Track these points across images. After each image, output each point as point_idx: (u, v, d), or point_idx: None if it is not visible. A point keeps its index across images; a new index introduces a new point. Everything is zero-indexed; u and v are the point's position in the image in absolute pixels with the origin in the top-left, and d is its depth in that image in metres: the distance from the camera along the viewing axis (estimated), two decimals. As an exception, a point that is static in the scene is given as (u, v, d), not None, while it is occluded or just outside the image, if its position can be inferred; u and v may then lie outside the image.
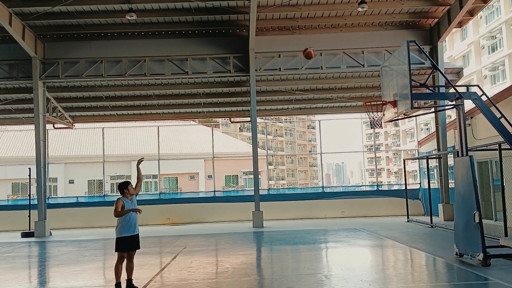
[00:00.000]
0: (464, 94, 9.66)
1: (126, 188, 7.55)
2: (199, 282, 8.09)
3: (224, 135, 49.65)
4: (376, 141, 71.47)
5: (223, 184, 39.61)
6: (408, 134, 74.61)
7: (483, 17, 43.05)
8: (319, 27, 18.54)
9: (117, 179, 38.49)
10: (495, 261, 8.78)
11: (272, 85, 20.84)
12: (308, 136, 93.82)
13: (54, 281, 9.05)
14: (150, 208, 20.38)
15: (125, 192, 7.53)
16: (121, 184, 7.64)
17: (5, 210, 21.05)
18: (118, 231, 7.41)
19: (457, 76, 20.80)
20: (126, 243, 7.38)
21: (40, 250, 14.10)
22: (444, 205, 18.09)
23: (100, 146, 24.99)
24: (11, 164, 32.73)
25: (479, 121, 15.50)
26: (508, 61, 39.83)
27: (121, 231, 7.38)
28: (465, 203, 9.16)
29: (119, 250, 7.41)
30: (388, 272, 8.65)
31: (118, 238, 7.40)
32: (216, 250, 12.75)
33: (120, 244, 7.40)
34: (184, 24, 17.91)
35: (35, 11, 16.54)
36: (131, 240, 7.41)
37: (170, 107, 22.66)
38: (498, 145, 10.55)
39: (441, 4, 17.24)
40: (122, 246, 7.40)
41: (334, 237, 13.88)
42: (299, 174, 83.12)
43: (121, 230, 7.38)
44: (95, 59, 18.37)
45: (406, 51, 9.68)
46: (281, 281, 7.94)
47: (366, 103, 11.15)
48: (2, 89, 20.28)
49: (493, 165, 14.52)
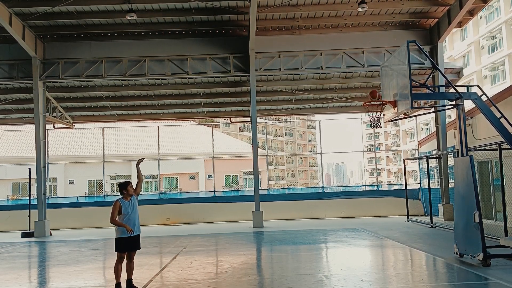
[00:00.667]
0: (464, 94, 9.66)
1: (125, 189, 7.41)
2: (199, 282, 8.09)
3: (224, 135, 49.65)
4: (376, 141, 71.51)
5: (223, 184, 39.61)
6: (408, 134, 74.61)
7: (483, 17, 43.03)
8: (319, 27, 18.55)
9: (117, 179, 38.48)
10: (495, 261, 8.78)
11: (272, 85, 20.85)
12: (308, 136, 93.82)
13: (54, 281, 9.05)
14: (150, 208, 20.40)
15: (124, 193, 7.41)
16: (120, 185, 7.50)
17: (5, 210, 21.06)
18: (117, 231, 7.33)
19: (457, 76, 20.81)
20: (125, 244, 7.31)
21: (40, 250, 14.10)
22: (444, 205, 18.09)
23: (100, 146, 24.99)
24: (11, 164, 32.73)
25: (479, 121, 15.50)
26: (508, 61, 39.82)
27: (121, 231, 7.29)
28: (465, 203, 9.16)
29: (118, 250, 7.35)
30: (388, 272, 8.65)
31: (118, 238, 7.33)
32: (216, 250, 12.75)
33: (119, 244, 7.33)
34: (184, 24, 17.91)
35: (35, 11, 16.54)
36: (130, 241, 7.32)
37: (170, 107, 22.66)
38: (498, 145, 10.55)
39: (441, 4, 17.24)
40: (121, 247, 7.33)
41: (334, 237, 13.87)
42: (299, 174, 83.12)
43: (121, 230, 7.30)
44: (95, 59, 18.38)
45: (406, 51, 9.68)
46: (281, 281, 7.94)
47: (366, 103, 11.15)
48: (2, 89, 20.29)
49: (493, 165, 14.52)
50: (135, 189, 7.57)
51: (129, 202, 7.39)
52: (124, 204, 7.32)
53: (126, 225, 7.23)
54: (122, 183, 7.52)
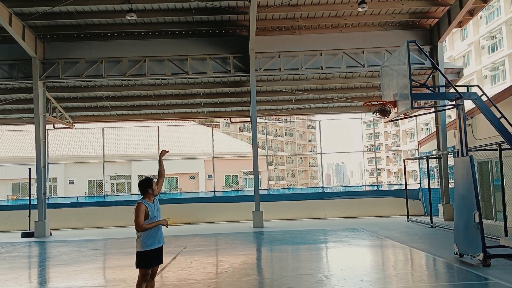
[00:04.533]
0: (464, 94, 9.66)
1: (150, 187, 5.91)
2: (199, 282, 8.09)
3: (224, 135, 49.68)
4: (376, 141, 71.52)
5: (223, 184, 39.63)
6: (408, 134, 74.62)
7: (483, 17, 43.04)
8: (319, 27, 18.54)
9: (117, 179, 38.55)
10: (495, 261, 8.78)
11: (272, 85, 20.85)
12: (308, 136, 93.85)
13: (54, 281, 9.05)
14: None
15: (148, 193, 5.91)
16: (143, 182, 5.96)
17: (5, 210, 21.06)
18: (141, 243, 5.82)
19: (457, 76, 20.81)
20: (151, 258, 5.86)
21: (40, 250, 14.10)
22: (444, 205, 18.08)
23: (100, 146, 25.01)
24: (11, 164, 32.75)
25: (479, 121, 15.50)
26: (508, 61, 39.83)
27: (146, 243, 5.81)
28: (465, 203, 9.16)
29: (144, 266, 5.85)
30: (388, 272, 8.65)
31: (142, 252, 5.83)
32: (216, 250, 12.75)
33: (144, 259, 5.84)
34: (184, 24, 17.91)
35: (35, 11, 16.54)
36: (156, 253, 5.91)
37: (170, 107, 22.66)
38: (498, 145, 10.55)
39: (441, 4, 17.23)
40: (146, 261, 5.85)
41: (334, 237, 13.87)
42: (299, 174, 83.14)
43: (146, 241, 5.81)
44: (95, 59, 18.37)
45: (406, 51, 9.68)
46: (281, 281, 7.94)
47: (367, 103, 11.14)
48: (2, 89, 20.28)
49: (493, 165, 14.52)
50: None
51: (154, 204, 5.95)
52: (150, 207, 5.84)
53: (160, 220, 5.87)
54: (145, 180, 5.99)
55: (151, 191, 5.89)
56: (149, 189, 5.89)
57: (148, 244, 5.80)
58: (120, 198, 26.12)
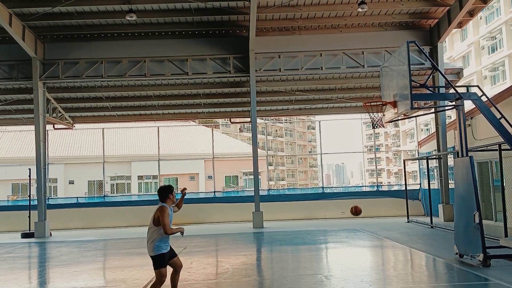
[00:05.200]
0: (464, 94, 9.67)
1: (171, 193, 6.31)
2: (199, 283, 8.09)
3: (224, 136, 49.68)
4: (376, 142, 71.56)
5: (223, 185, 39.65)
6: (408, 134, 74.58)
7: (483, 18, 43.05)
8: (319, 27, 18.55)
9: (117, 179, 38.57)
10: (495, 261, 8.78)
11: (272, 86, 20.85)
12: (308, 137, 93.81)
13: (54, 282, 9.05)
14: (150, 209, 20.30)
15: (169, 198, 6.30)
16: (165, 188, 6.32)
17: (5, 211, 21.05)
18: (155, 247, 6.17)
19: (457, 76, 20.81)
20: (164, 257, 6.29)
21: (40, 251, 14.09)
22: (444, 205, 18.08)
23: (100, 146, 25.01)
24: (11, 165, 32.75)
25: (479, 122, 15.50)
26: (508, 61, 39.84)
27: (162, 246, 6.21)
28: (465, 203, 9.16)
29: (161, 266, 6.17)
30: (388, 273, 8.65)
31: (159, 255, 6.17)
32: (216, 250, 12.75)
33: (159, 260, 6.19)
34: (184, 25, 17.91)
35: (35, 12, 16.54)
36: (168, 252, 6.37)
37: (170, 108, 22.66)
38: (498, 146, 10.55)
39: (441, 4, 17.24)
40: (163, 261, 6.23)
41: (334, 238, 13.88)
42: (299, 174, 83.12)
43: (161, 245, 6.21)
44: (95, 59, 18.37)
45: (406, 52, 9.69)
46: (281, 282, 7.94)
47: (366, 104, 11.15)
48: (2, 90, 20.28)
49: (493, 165, 14.52)
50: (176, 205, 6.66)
51: (171, 210, 6.37)
52: (170, 212, 6.22)
53: (181, 227, 6.33)
54: (166, 186, 6.39)
55: (172, 196, 6.25)
56: (170, 194, 6.24)
57: (163, 248, 6.16)
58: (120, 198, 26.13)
